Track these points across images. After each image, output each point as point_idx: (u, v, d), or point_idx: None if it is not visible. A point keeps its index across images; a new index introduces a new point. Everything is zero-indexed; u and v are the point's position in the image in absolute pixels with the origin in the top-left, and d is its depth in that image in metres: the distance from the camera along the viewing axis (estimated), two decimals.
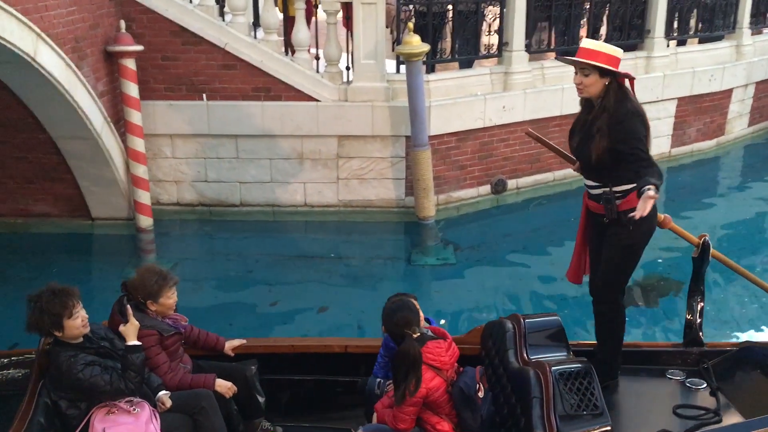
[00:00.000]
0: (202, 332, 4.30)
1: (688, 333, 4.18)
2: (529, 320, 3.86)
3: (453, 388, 3.59)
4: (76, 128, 7.43)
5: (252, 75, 8.28)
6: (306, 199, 8.80)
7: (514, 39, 9.00)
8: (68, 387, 3.49)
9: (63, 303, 3.43)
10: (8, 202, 8.36)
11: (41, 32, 6.49)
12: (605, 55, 3.64)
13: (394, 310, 3.64)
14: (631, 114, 3.64)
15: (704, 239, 4.08)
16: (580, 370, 3.37)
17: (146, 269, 4.01)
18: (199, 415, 3.72)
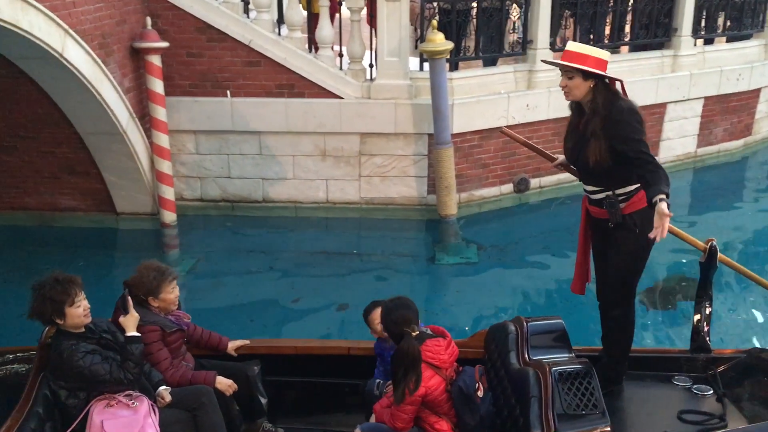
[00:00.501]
0: (205, 332, 4.30)
1: (696, 339, 4.13)
2: (532, 323, 3.84)
3: (452, 387, 3.56)
4: (102, 124, 7.52)
5: (276, 72, 8.32)
6: (328, 196, 8.82)
7: (539, 37, 8.94)
8: (68, 375, 3.53)
9: (66, 290, 3.47)
10: (35, 196, 8.48)
11: (69, 28, 6.58)
12: (592, 58, 3.58)
13: (392, 308, 3.62)
14: (626, 112, 3.56)
15: (711, 244, 4.01)
16: (580, 371, 3.35)
17: (145, 266, 3.99)
18: (198, 411, 3.73)
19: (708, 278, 4.07)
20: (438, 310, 6.99)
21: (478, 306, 6.99)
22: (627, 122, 3.53)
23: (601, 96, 3.59)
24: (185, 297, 7.34)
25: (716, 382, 3.93)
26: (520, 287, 7.36)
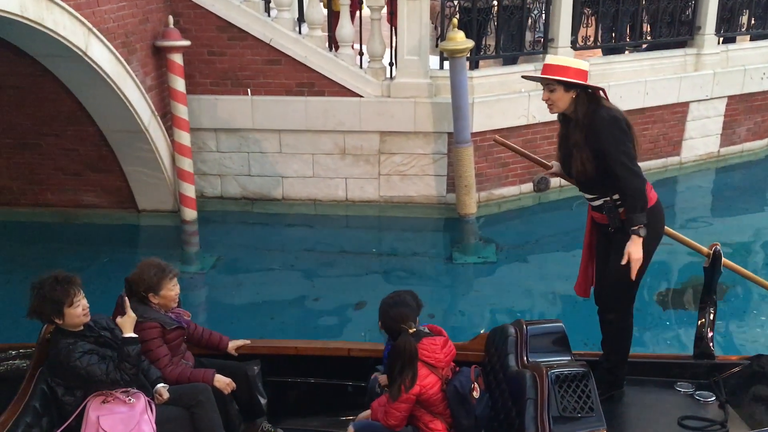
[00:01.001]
0: (206, 331, 4.30)
1: (699, 345, 4.09)
2: (532, 326, 3.84)
3: (447, 387, 3.54)
4: (124, 122, 7.59)
5: (296, 70, 8.35)
6: (347, 194, 8.84)
7: (560, 35, 8.89)
8: (65, 374, 3.54)
9: (65, 291, 3.48)
10: (59, 193, 8.58)
11: (93, 27, 6.64)
12: (572, 69, 3.60)
13: (390, 305, 3.60)
14: (607, 121, 3.56)
15: (715, 248, 3.98)
16: (577, 374, 3.33)
17: (146, 263, 4.01)
18: (195, 409, 3.73)
19: (712, 283, 4.03)
20: (455, 310, 6.99)
21: (495, 306, 6.97)
22: (607, 132, 3.54)
23: (583, 106, 3.61)
24: (206, 294, 7.46)
25: (719, 388, 3.89)
26: (539, 288, 7.32)
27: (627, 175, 3.52)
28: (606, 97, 3.69)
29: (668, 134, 10.13)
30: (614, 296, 3.85)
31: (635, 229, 3.54)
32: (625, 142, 3.54)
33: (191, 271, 7.71)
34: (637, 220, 3.54)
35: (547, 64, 3.66)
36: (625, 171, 3.52)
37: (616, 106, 3.70)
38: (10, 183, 8.57)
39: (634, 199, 3.55)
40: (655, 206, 3.73)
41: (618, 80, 9.36)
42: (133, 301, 3.87)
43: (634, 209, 3.54)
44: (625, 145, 3.53)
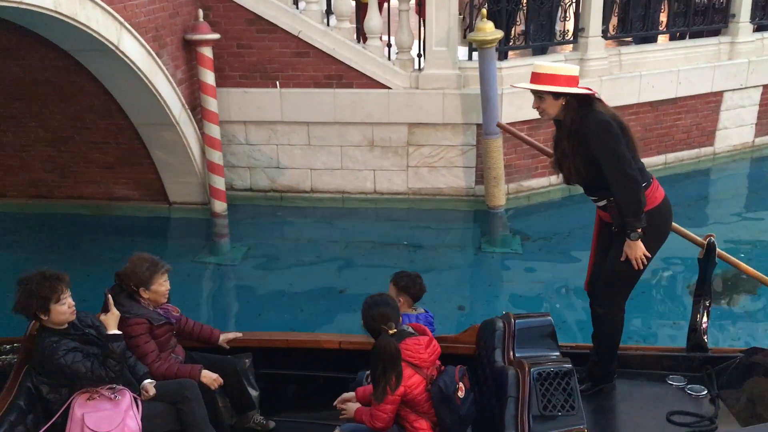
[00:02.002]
0: (197, 324, 4.30)
1: (692, 338, 4.03)
2: (520, 320, 3.81)
3: (432, 387, 3.50)
4: (156, 115, 7.67)
5: (324, 62, 8.36)
6: (376, 186, 8.84)
7: (591, 24, 8.78)
8: (50, 372, 3.53)
9: (52, 287, 3.46)
10: (92, 186, 8.72)
11: (124, 21, 6.72)
12: (563, 77, 3.54)
13: (371, 305, 3.55)
14: (595, 129, 3.51)
15: (709, 240, 3.93)
16: (559, 371, 3.29)
17: (138, 257, 3.98)
18: (181, 404, 3.73)
19: (707, 275, 3.97)
20: (482, 301, 6.97)
21: (522, 298, 6.94)
22: (596, 139, 3.50)
23: (571, 113, 3.57)
24: (236, 285, 7.53)
25: (711, 382, 3.84)
26: (566, 280, 7.26)
27: (618, 181, 3.50)
28: (599, 99, 3.64)
29: (701, 124, 9.96)
30: (606, 291, 3.84)
31: (628, 233, 3.55)
32: (616, 147, 3.49)
33: (221, 263, 7.81)
34: (630, 225, 3.54)
35: (534, 72, 3.61)
36: (616, 177, 3.50)
37: (608, 108, 3.63)
38: (46, 176, 8.73)
39: (626, 204, 3.54)
40: (660, 205, 3.69)
41: (650, 69, 9.23)
42: (122, 296, 3.89)
43: (627, 214, 3.53)
44: (616, 150, 3.49)
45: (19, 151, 8.52)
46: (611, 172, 3.49)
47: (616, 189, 3.53)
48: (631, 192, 3.50)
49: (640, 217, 3.53)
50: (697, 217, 8.72)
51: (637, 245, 3.57)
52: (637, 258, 3.60)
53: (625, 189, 3.50)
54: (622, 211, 3.55)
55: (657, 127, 9.59)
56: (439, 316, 6.36)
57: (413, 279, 4.20)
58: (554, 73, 3.55)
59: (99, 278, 7.22)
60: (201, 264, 7.75)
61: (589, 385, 3.89)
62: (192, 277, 7.49)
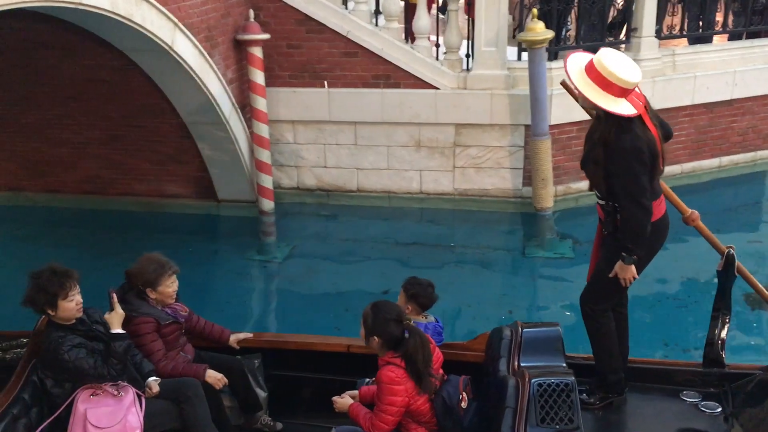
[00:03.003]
0: (208, 323, 4.28)
1: (709, 352, 3.85)
2: (528, 329, 3.73)
3: (435, 398, 3.43)
4: (206, 114, 7.80)
5: (372, 62, 8.38)
6: (422, 186, 8.83)
7: (644, 24, 8.60)
8: (54, 367, 3.56)
9: (61, 284, 3.49)
10: (144, 183, 8.91)
11: (178, 22, 6.85)
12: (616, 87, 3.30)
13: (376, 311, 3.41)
14: (626, 152, 3.38)
15: (728, 251, 3.75)
16: (560, 383, 3.21)
17: (147, 258, 3.98)
18: (184, 404, 3.73)
19: (725, 287, 3.80)
20: (529, 306, 6.88)
21: (570, 303, 6.82)
22: (623, 161, 3.39)
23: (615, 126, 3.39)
24: (282, 284, 7.61)
25: (727, 399, 3.67)
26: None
27: (630, 207, 3.42)
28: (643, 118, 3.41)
29: (758, 127, 9.67)
30: (587, 293, 3.77)
31: (623, 255, 3.49)
32: (639, 176, 3.39)
33: (268, 261, 7.89)
34: (627, 250, 3.48)
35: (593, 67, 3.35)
36: (629, 203, 3.42)
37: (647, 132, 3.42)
38: (99, 173, 8.95)
39: (630, 231, 3.46)
40: (658, 222, 3.58)
41: (705, 71, 9.00)
42: (130, 294, 3.92)
43: (628, 240, 3.47)
44: (638, 179, 3.39)
45: (74, 149, 8.76)
46: (625, 196, 3.42)
47: (624, 214, 3.45)
48: (639, 222, 3.42)
49: (639, 245, 3.46)
50: (750, 223, 8.48)
51: (629, 268, 3.52)
52: (626, 279, 3.56)
53: (634, 217, 3.42)
54: (625, 235, 3.48)
55: (711, 130, 9.35)
56: (485, 320, 6.37)
57: (424, 287, 4.06)
58: (611, 80, 3.31)
59: None
60: (248, 261, 7.84)
61: (598, 398, 3.78)
62: (239, 275, 7.60)
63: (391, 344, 3.37)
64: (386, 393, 3.32)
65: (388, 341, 3.37)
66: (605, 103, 3.34)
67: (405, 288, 4.04)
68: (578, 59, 3.50)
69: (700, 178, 9.30)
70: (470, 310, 6.74)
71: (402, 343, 3.35)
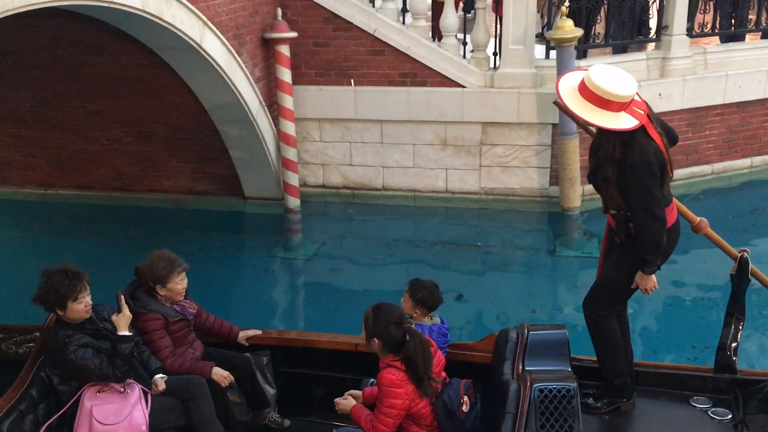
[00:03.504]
0: (217, 320, 4.31)
1: (720, 357, 3.77)
2: (534, 332, 3.68)
3: (436, 401, 3.41)
4: (234, 112, 7.85)
5: (399, 61, 8.37)
6: (447, 185, 8.80)
7: (675, 22, 8.49)
8: (61, 365, 3.61)
9: (71, 286, 3.53)
10: (172, 180, 9.01)
11: (207, 20, 6.91)
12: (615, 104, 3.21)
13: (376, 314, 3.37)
14: (636, 167, 3.31)
15: (742, 255, 3.68)
16: (562, 389, 3.17)
17: (157, 254, 4.00)
18: (189, 401, 3.75)
19: (739, 292, 3.73)
20: (554, 306, 6.83)
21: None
22: (634, 177, 3.33)
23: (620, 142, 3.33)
24: (307, 281, 7.64)
25: (738, 406, 3.59)
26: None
27: (645, 220, 3.37)
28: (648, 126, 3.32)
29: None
30: (590, 296, 3.72)
31: (644, 267, 3.47)
32: (652, 189, 3.34)
33: (293, 258, 7.93)
34: (646, 262, 3.45)
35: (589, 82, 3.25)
36: (643, 216, 3.37)
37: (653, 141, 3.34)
38: (129, 169, 9.07)
39: (646, 243, 3.41)
40: (670, 228, 3.51)
41: (737, 69, 8.85)
42: (140, 291, 3.95)
43: (645, 252, 3.43)
44: (651, 192, 3.34)
45: (105, 145, 8.88)
46: (639, 209, 3.37)
47: (639, 227, 3.41)
48: (654, 233, 3.38)
49: (657, 256, 3.43)
50: None
51: (650, 279, 3.49)
52: (647, 289, 3.53)
53: (649, 229, 3.37)
54: (642, 248, 3.43)
55: (743, 129, 9.19)
56: (509, 319, 6.34)
57: (431, 291, 4.00)
58: (607, 98, 3.22)
59: None
60: (273, 258, 7.89)
61: (606, 402, 3.73)
62: (264, 271, 7.65)
63: (391, 347, 3.36)
64: (387, 396, 3.31)
65: (389, 344, 3.36)
66: (605, 122, 3.25)
67: (411, 292, 3.96)
68: (570, 79, 3.41)
69: (731, 179, 9.16)
70: (494, 308, 6.71)
71: (403, 346, 3.34)
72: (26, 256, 8.12)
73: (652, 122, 3.39)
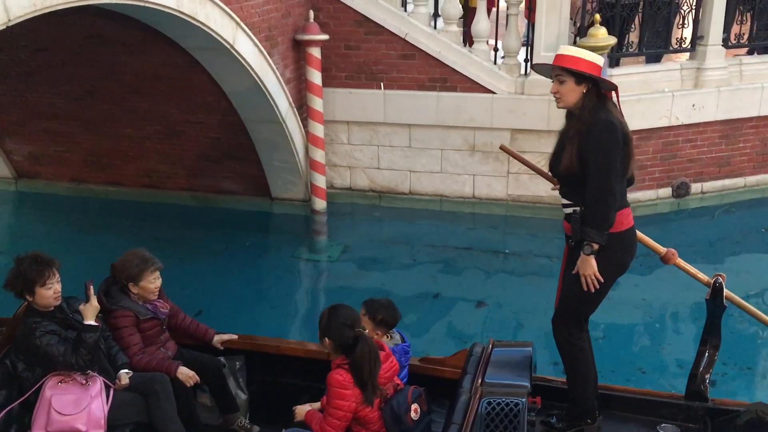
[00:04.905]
0: (193, 322, 4.33)
1: (692, 384, 3.67)
2: (498, 348, 3.66)
3: (384, 406, 3.40)
4: (264, 112, 7.90)
5: (429, 65, 8.36)
6: (474, 191, 8.76)
7: (711, 32, 8.36)
8: (26, 351, 3.65)
9: (40, 272, 3.59)
10: (201, 178, 9.08)
11: (240, 21, 6.96)
12: (585, 61, 3.37)
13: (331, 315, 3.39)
14: (602, 125, 3.33)
15: (716, 279, 3.59)
16: (510, 402, 3.14)
17: (132, 253, 4.04)
18: (150, 398, 3.78)
19: (714, 318, 3.63)
20: None
21: (622, 314, 6.68)
22: (598, 136, 3.33)
23: (590, 101, 3.40)
24: (332, 283, 7.64)
25: None
26: (673, 299, 6.94)
27: (597, 186, 3.31)
28: (617, 101, 3.46)
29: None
30: (558, 316, 3.64)
31: (584, 245, 3.35)
32: (611, 152, 3.31)
33: (319, 260, 7.95)
34: (588, 236, 3.34)
35: (559, 54, 3.48)
36: (596, 182, 3.31)
37: (620, 115, 3.44)
38: (158, 167, 9.16)
39: (593, 213, 3.34)
40: (624, 233, 3.47)
41: None
42: (114, 288, 3.99)
43: (590, 223, 3.34)
44: (609, 156, 3.31)
45: (135, 143, 8.98)
46: (595, 177, 3.32)
47: (590, 194, 3.33)
48: (604, 203, 3.31)
49: (602, 232, 3.33)
50: None
51: (589, 261, 3.37)
52: (587, 276, 3.39)
53: (600, 197, 3.31)
54: (586, 219, 3.35)
55: None
56: (529, 328, 6.29)
57: (390, 310, 3.96)
58: (578, 56, 3.40)
59: (200, 268, 7.54)
60: (298, 260, 7.92)
61: (566, 425, 3.66)
62: (289, 272, 7.68)
63: (342, 348, 3.38)
64: (334, 396, 3.33)
65: (340, 345, 3.38)
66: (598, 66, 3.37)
67: (370, 314, 3.91)
68: None
69: (764, 191, 9.00)
70: (517, 317, 6.66)
71: (353, 349, 3.34)
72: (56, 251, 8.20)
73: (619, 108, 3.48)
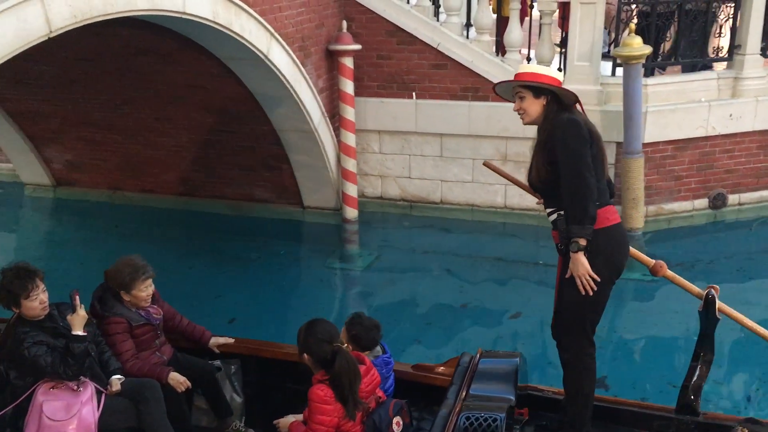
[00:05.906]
0: (190, 324, 4.34)
1: (683, 397, 3.57)
2: (485, 358, 3.61)
3: (366, 420, 3.35)
4: (297, 122, 7.96)
5: (461, 75, 8.35)
6: (506, 201, 8.71)
7: (749, 41, 8.22)
8: (15, 360, 3.66)
9: (23, 285, 3.60)
10: (233, 187, 9.18)
11: (274, 32, 7.03)
12: (543, 76, 3.42)
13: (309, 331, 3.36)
14: (564, 124, 3.31)
15: (709, 291, 3.48)
16: (488, 417, 3.09)
17: (123, 261, 4.04)
18: (141, 404, 3.78)
19: (707, 330, 3.53)
20: (612, 328, 6.64)
21: (656, 327, 6.59)
22: (563, 131, 3.31)
23: (552, 111, 3.40)
24: (363, 292, 7.66)
25: None
26: None
27: (572, 181, 3.27)
28: (581, 110, 3.45)
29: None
30: (565, 332, 3.54)
31: (571, 243, 3.28)
32: (578, 148, 3.28)
33: (349, 269, 7.97)
34: (573, 233, 3.27)
35: (519, 72, 3.53)
36: (570, 177, 3.27)
37: (585, 116, 3.45)
38: (192, 175, 9.29)
39: (573, 208, 3.28)
40: (611, 228, 3.40)
41: None
42: (108, 294, 4.02)
43: (572, 220, 3.28)
44: (578, 150, 3.28)
45: (170, 151, 9.12)
46: (566, 171, 3.28)
47: (566, 190, 3.28)
48: (581, 196, 3.25)
49: (585, 226, 3.26)
50: None
51: (579, 260, 3.28)
52: (581, 276, 3.30)
53: (577, 191, 3.26)
54: (569, 215, 3.29)
55: None
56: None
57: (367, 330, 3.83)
58: (536, 71, 3.46)
59: (232, 276, 7.60)
60: (330, 269, 7.94)
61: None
62: (320, 281, 7.70)
63: (321, 363, 3.36)
64: (315, 412, 3.30)
65: (318, 360, 3.36)
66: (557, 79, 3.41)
67: (347, 327, 3.87)
68: None
69: None
70: (547, 328, 6.57)
71: (332, 364, 3.32)
72: (93, 257, 8.38)
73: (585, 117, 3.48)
